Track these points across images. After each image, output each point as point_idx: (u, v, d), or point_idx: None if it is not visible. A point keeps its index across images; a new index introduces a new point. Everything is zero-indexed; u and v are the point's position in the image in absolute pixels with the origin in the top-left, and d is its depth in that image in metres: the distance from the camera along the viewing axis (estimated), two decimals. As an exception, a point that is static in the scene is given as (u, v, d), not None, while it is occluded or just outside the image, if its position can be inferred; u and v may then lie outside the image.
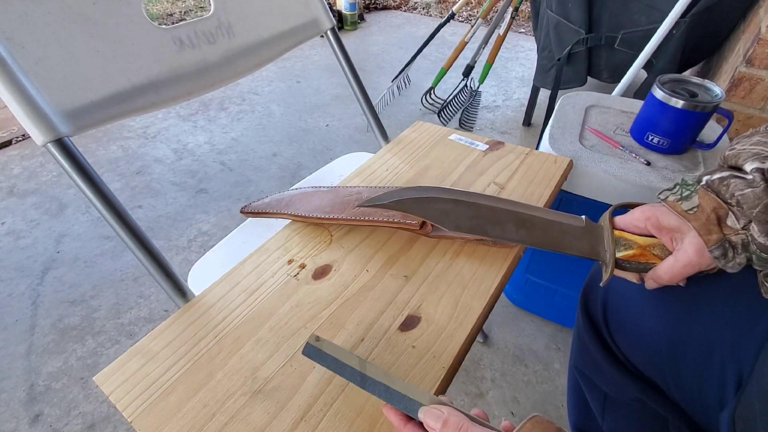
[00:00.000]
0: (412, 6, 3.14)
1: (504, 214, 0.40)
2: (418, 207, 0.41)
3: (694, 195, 0.36)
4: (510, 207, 0.41)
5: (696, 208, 0.36)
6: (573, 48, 1.37)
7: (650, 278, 0.40)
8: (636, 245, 0.39)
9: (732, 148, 0.36)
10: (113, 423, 0.84)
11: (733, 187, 0.34)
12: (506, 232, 0.40)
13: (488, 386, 0.90)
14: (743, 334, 0.38)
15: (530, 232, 0.40)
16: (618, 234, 0.40)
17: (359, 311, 0.45)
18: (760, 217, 0.33)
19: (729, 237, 0.35)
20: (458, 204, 0.41)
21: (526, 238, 0.40)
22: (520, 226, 0.40)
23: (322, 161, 1.57)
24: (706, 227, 0.35)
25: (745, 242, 0.34)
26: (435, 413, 0.30)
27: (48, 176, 1.47)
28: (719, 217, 0.35)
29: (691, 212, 0.36)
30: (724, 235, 0.35)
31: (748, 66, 0.98)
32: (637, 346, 0.48)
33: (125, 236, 0.45)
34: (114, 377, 0.39)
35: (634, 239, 0.39)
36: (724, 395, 0.39)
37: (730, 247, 0.35)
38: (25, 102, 0.39)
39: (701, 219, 0.35)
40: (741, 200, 0.33)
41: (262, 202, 0.62)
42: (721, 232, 0.35)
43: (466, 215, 0.40)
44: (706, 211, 0.35)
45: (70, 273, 1.14)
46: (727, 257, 0.35)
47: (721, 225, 0.35)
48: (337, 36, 0.72)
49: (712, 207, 0.35)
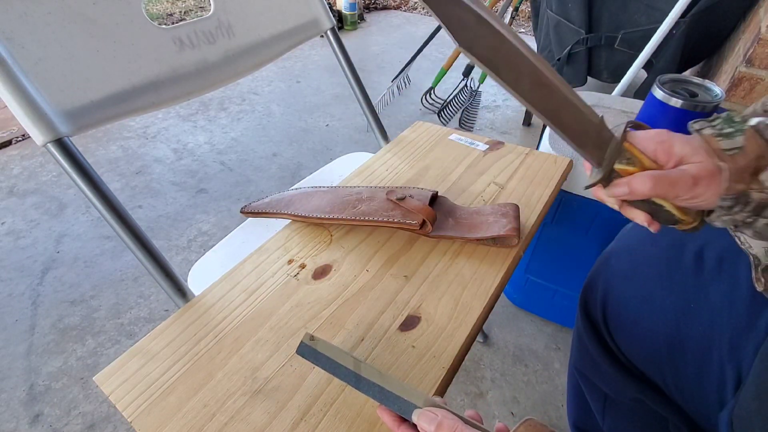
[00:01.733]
0: (412, 6, 3.14)
1: (526, 65, 0.34)
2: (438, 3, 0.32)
3: (739, 135, 0.31)
4: (535, 61, 0.34)
5: (738, 149, 0.31)
6: (573, 48, 1.37)
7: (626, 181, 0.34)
8: (639, 164, 0.35)
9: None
10: (113, 423, 0.84)
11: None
12: (520, 83, 0.34)
13: (488, 386, 0.90)
14: (742, 333, 0.38)
15: (544, 98, 0.35)
16: (627, 146, 0.35)
17: (359, 311, 0.45)
18: None
19: (751, 192, 0.31)
20: (481, 23, 0.33)
21: (537, 102, 0.35)
22: (536, 86, 0.35)
23: (322, 161, 1.57)
24: (739, 173, 0.31)
25: (763, 203, 0.31)
26: (429, 416, 0.30)
27: (48, 176, 1.47)
28: (758, 168, 0.30)
29: (730, 153, 0.31)
30: (750, 188, 0.31)
31: (748, 66, 0.98)
32: (637, 346, 0.48)
33: (125, 236, 0.45)
34: (114, 377, 0.39)
35: (640, 157, 0.35)
36: (723, 395, 0.39)
37: (744, 201, 0.31)
38: (25, 102, 0.39)
39: (739, 163, 0.30)
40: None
41: (262, 202, 0.62)
42: (748, 184, 0.31)
43: (485, 41, 0.33)
44: (749, 156, 0.30)
45: (70, 273, 1.14)
46: (732, 210, 0.31)
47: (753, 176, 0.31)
48: (337, 36, 0.72)
49: (756, 154, 0.30)
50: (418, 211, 0.52)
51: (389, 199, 0.55)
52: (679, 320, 0.42)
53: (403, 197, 0.54)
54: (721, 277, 0.41)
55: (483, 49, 0.34)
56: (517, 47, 0.34)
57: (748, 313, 0.38)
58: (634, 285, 0.47)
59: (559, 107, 0.35)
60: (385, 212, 0.53)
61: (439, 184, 0.64)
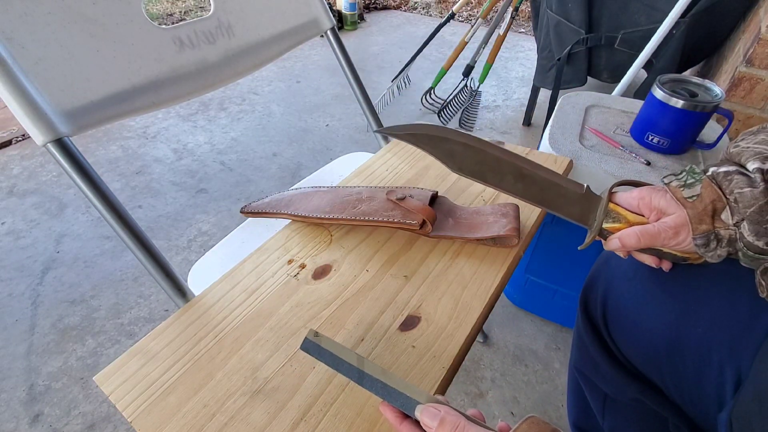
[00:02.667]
0: (412, 6, 3.14)
1: (507, 166, 0.42)
2: (429, 143, 0.43)
3: (698, 184, 0.36)
4: (514, 160, 0.42)
5: (696, 197, 0.36)
6: (573, 48, 1.37)
7: (620, 235, 0.40)
8: (624, 220, 0.40)
9: (737, 144, 0.36)
10: (113, 423, 0.84)
11: (734, 183, 0.34)
12: (504, 182, 0.42)
13: (488, 386, 0.90)
14: (742, 334, 0.38)
15: (528, 187, 0.42)
16: (612, 206, 0.41)
17: (359, 311, 0.45)
18: (753, 217, 0.33)
19: (718, 230, 0.35)
20: (467, 148, 0.42)
21: (522, 192, 0.42)
22: (519, 179, 0.42)
23: (322, 161, 1.57)
24: (699, 217, 0.35)
25: (733, 238, 0.35)
26: (432, 412, 0.30)
27: (48, 176, 1.47)
28: (715, 210, 0.35)
29: (690, 200, 0.36)
30: (714, 227, 0.35)
31: (748, 66, 0.98)
32: (636, 347, 0.48)
33: (125, 236, 0.45)
34: (114, 377, 0.39)
35: (624, 214, 0.40)
36: (722, 396, 0.39)
37: (715, 239, 0.35)
38: (25, 102, 0.39)
39: (698, 208, 0.36)
40: (738, 198, 0.33)
41: (262, 202, 0.62)
42: (711, 225, 0.35)
43: (472, 159, 0.42)
44: (705, 201, 0.35)
45: (70, 273, 1.14)
46: (708, 247, 0.36)
47: (714, 217, 0.35)
48: (337, 36, 0.72)
49: (711, 198, 0.35)
50: (418, 211, 0.52)
51: (389, 199, 0.55)
52: (679, 321, 0.42)
53: (403, 197, 0.54)
54: (721, 278, 0.41)
55: (471, 166, 0.42)
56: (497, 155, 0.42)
57: (748, 314, 0.38)
58: (634, 285, 0.47)
59: (542, 190, 0.42)
60: (385, 212, 0.53)
61: (439, 184, 0.64)
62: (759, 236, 0.33)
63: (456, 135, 0.42)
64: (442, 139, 0.43)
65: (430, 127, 0.44)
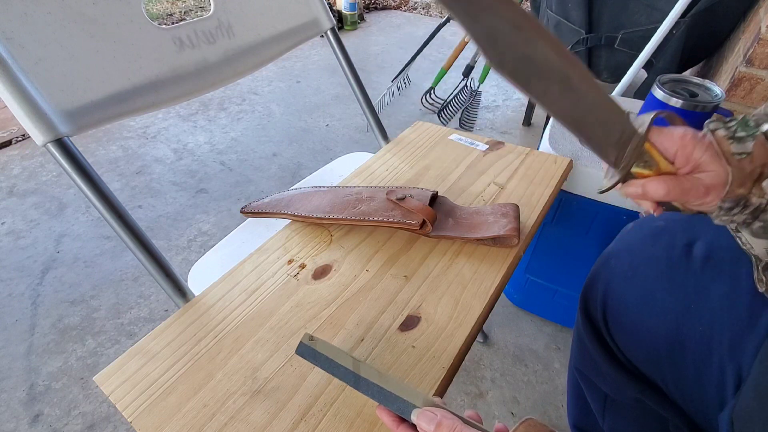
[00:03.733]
0: (412, 6, 3.14)
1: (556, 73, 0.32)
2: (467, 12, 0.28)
3: (749, 140, 0.31)
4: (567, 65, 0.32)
5: (746, 155, 0.31)
6: (573, 48, 1.37)
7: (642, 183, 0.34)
8: (656, 167, 0.34)
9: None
10: (113, 423, 0.84)
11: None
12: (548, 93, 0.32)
13: (488, 386, 0.90)
14: (742, 333, 0.38)
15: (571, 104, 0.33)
16: (648, 147, 0.34)
17: (359, 311, 0.45)
18: None
19: (751, 196, 0.31)
20: (518, 32, 0.30)
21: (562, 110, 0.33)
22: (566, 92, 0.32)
23: (322, 161, 1.57)
24: (741, 179, 0.31)
25: (761, 207, 0.31)
26: (428, 416, 0.30)
27: (48, 176, 1.47)
28: (762, 174, 0.31)
29: (738, 157, 0.31)
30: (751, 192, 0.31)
31: (748, 66, 0.98)
32: (637, 346, 0.48)
33: (125, 236, 0.45)
34: (114, 377, 0.39)
35: (658, 160, 0.34)
36: (723, 395, 0.39)
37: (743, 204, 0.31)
38: (25, 102, 0.39)
39: (745, 169, 0.30)
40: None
41: (262, 202, 0.62)
42: (750, 189, 0.31)
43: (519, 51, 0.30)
44: (755, 163, 0.30)
45: (70, 273, 1.14)
46: (731, 212, 0.32)
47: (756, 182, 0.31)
48: (337, 36, 0.72)
49: (762, 161, 0.30)
50: (418, 211, 0.52)
51: (389, 199, 0.55)
52: (680, 320, 0.42)
53: (403, 197, 0.54)
54: (722, 278, 0.41)
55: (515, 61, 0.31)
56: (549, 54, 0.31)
57: (749, 314, 0.38)
58: (635, 285, 0.47)
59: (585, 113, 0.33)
60: (385, 212, 0.53)
61: (439, 184, 0.64)
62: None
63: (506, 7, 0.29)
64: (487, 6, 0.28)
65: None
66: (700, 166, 0.33)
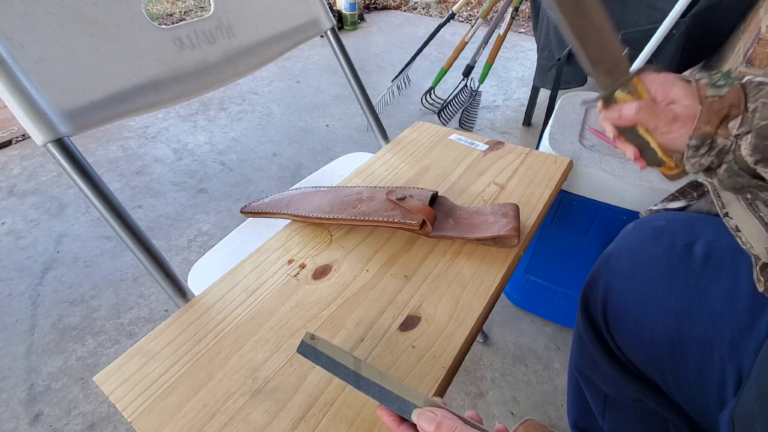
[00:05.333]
0: (412, 6, 3.14)
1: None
2: None
3: (726, 87, 0.35)
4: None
5: (717, 97, 0.35)
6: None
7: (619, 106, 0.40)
8: (638, 96, 0.40)
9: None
10: (113, 423, 0.84)
11: (763, 93, 0.33)
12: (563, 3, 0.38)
13: (488, 386, 0.90)
14: (743, 333, 0.38)
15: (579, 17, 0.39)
16: (636, 81, 0.40)
17: (359, 311, 0.45)
18: (763, 131, 0.32)
19: (717, 137, 0.34)
20: None
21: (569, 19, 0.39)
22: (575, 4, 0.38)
23: (322, 161, 1.57)
24: (708, 116, 0.34)
25: (725, 149, 0.34)
26: (428, 416, 0.30)
27: (48, 176, 1.47)
28: (727, 115, 0.34)
29: (709, 99, 0.35)
30: (716, 132, 0.34)
31: (748, 66, 0.98)
32: (637, 346, 0.48)
33: (125, 236, 0.45)
34: (114, 377, 0.39)
35: (641, 92, 0.40)
36: (723, 395, 0.39)
37: (709, 144, 0.35)
38: (25, 102, 0.39)
39: (713, 108, 0.34)
40: (760, 107, 0.32)
41: (262, 202, 0.62)
42: (715, 129, 0.34)
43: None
44: (724, 103, 0.34)
45: (70, 273, 1.14)
46: (698, 151, 0.35)
47: (722, 123, 0.34)
48: (337, 36, 0.72)
49: (730, 102, 0.34)
50: (418, 211, 0.52)
51: (389, 199, 0.55)
52: (680, 320, 0.42)
53: (403, 197, 0.54)
54: (722, 278, 0.41)
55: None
56: None
57: (749, 313, 0.38)
58: (635, 285, 0.47)
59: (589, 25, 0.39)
60: (385, 212, 0.53)
61: (439, 184, 0.64)
62: (755, 152, 0.32)
63: None
64: None
65: None
66: (675, 100, 0.37)
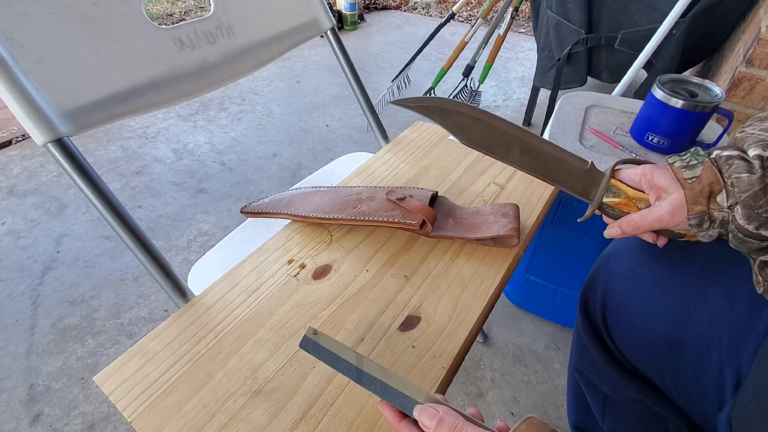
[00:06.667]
0: (412, 6, 3.14)
1: (514, 140, 0.44)
2: (441, 115, 0.45)
3: (699, 166, 0.37)
4: (521, 135, 0.44)
5: (695, 178, 0.37)
6: (573, 48, 1.37)
7: (619, 224, 0.42)
8: (624, 195, 0.41)
9: (742, 129, 0.37)
10: (113, 423, 0.84)
11: (734, 167, 0.35)
12: (511, 155, 0.44)
13: (488, 386, 0.90)
14: (741, 334, 0.38)
15: (533, 160, 0.44)
16: (614, 182, 0.42)
17: (359, 311, 0.45)
18: (747, 202, 0.34)
19: (712, 211, 0.36)
20: (477, 122, 0.44)
21: (528, 165, 0.44)
22: (525, 153, 0.44)
23: (322, 161, 1.57)
24: (695, 197, 0.36)
25: (725, 220, 0.36)
26: (430, 412, 0.30)
27: (48, 176, 1.47)
28: (712, 192, 0.36)
29: (689, 181, 0.37)
30: (709, 208, 0.36)
31: (748, 66, 0.98)
32: (636, 347, 0.48)
33: (125, 236, 0.45)
34: (114, 377, 0.39)
35: (625, 189, 0.41)
36: (722, 395, 0.39)
37: (708, 219, 0.36)
38: (25, 102, 0.39)
39: (695, 189, 0.36)
40: (735, 182, 0.34)
41: (262, 202, 0.62)
42: (707, 206, 0.36)
43: (481, 132, 0.44)
44: (703, 183, 0.36)
45: (70, 273, 1.14)
46: (702, 227, 0.37)
47: (710, 199, 0.36)
48: (337, 36, 0.72)
49: (709, 181, 0.36)
50: (418, 211, 0.52)
51: (389, 199, 0.55)
52: (679, 321, 0.42)
53: (403, 197, 0.54)
54: (721, 279, 0.41)
55: (479, 139, 0.44)
56: (505, 129, 0.44)
57: (748, 314, 0.38)
58: (634, 286, 0.47)
59: (547, 164, 0.44)
60: (385, 212, 0.53)
61: (439, 184, 0.64)
62: (750, 220, 0.34)
63: (467, 109, 0.44)
64: (453, 112, 0.44)
65: (443, 101, 0.45)
66: (663, 189, 0.39)
